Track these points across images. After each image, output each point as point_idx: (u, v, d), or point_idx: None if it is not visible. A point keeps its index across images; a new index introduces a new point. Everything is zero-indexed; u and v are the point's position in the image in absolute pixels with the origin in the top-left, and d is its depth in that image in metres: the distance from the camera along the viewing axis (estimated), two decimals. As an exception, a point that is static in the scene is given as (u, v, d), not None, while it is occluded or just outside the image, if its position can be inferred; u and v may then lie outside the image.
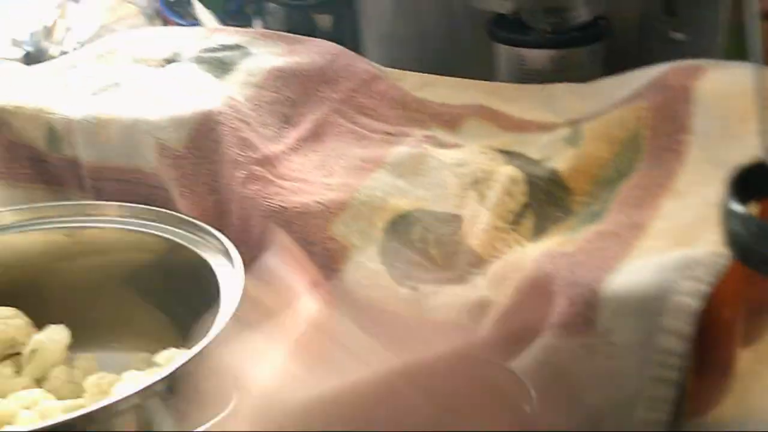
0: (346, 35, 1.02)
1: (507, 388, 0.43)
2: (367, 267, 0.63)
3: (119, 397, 0.50)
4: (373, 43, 1.00)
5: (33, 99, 0.78)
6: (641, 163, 0.64)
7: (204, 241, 0.65)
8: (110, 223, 0.69)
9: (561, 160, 0.67)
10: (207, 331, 0.55)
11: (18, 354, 0.69)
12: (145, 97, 0.77)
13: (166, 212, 0.68)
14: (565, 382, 0.53)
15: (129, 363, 0.68)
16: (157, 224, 0.67)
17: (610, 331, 0.52)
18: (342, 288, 0.62)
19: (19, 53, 1.23)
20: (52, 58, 1.17)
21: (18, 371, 0.68)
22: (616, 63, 0.83)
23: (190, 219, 0.66)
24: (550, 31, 0.86)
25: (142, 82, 0.81)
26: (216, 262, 0.62)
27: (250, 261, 0.62)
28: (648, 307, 0.51)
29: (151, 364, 0.67)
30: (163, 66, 0.85)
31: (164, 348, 0.65)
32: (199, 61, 0.84)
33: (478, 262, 0.63)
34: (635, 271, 0.53)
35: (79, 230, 0.69)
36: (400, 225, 0.65)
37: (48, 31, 1.20)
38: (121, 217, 0.69)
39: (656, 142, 0.64)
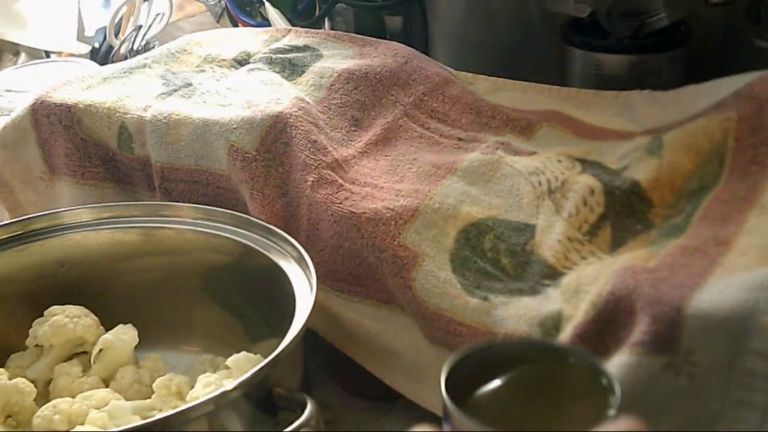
0: (416, 37, 1.01)
1: None
2: (438, 276, 0.62)
3: (195, 403, 0.50)
4: (443, 46, 0.98)
5: (105, 98, 0.78)
6: (725, 175, 0.62)
7: (277, 246, 0.64)
8: (184, 224, 0.69)
9: (641, 171, 0.65)
10: (280, 338, 0.55)
11: (85, 353, 0.70)
12: (217, 99, 0.77)
13: (240, 215, 0.67)
14: (645, 400, 0.52)
15: (194, 364, 0.68)
16: (231, 227, 0.67)
17: (694, 350, 0.50)
18: (411, 296, 0.61)
19: (85, 49, 1.25)
20: (119, 54, 1.19)
21: (85, 370, 0.68)
22: (697, 70, 0.81)
23: (265, 223, 0.66)
24: (628, 35, 0.84)
25: (214, 83, 0.81)
26: (289, 268, 0.62)
27: (318, 265, 0.62)
28: (734, 327, 0.49)
29: (216, 366, 0.67)
30: (234, 67, 0.85)
31: (231, 350, 0.65)
32: (270, 62, 0.83)
33: (552, 273, 0.61)
34: (721, 289, 0.51)
35: (154, 230, 0.70)
36: (472, 233, 0.64)
37: (117, 28, 1.21)
38: (195, 218, 0.69)
39: (741, 155, 0.62)
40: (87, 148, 0.78)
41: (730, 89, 0.67)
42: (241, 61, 0.85)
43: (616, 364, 0.52)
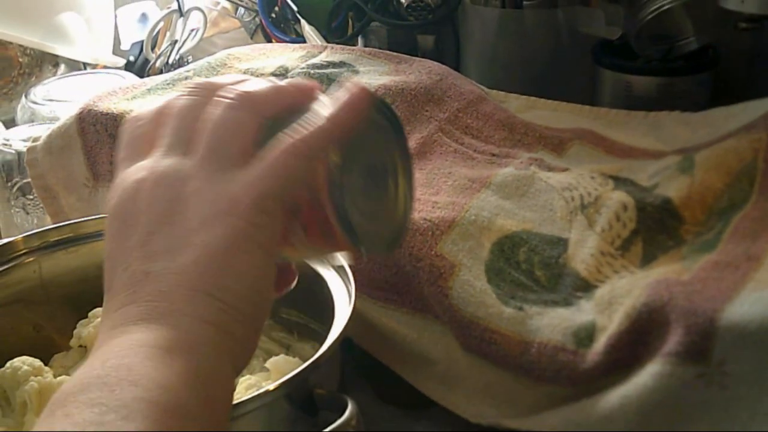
0: (448, 56, 1.03)
1: None
2: (474, 285, 0.63)
3: (239, 401, 0.52)
4: (474, 65, 1.01)
5: (148, 107, 0.80)
6: (755, 194, 0.64)
7: None
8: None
9: (673, 189, 0.66)
10: (318, 344, 0.57)
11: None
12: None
13: None
14: (676, 409, 0.53)
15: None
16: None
17: (725, 361, 0.52)
18: (448, 305, 0.63)
19: (120, 62, 1.28)
20: (155, 68, 1.21)
21: (127, 371, 0.70)
22: (724, 93, 0.83)
23: None
24: (658, 58, 0.86)
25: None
26: (329, 275, 0.64)
27: (356, 274, 0.64)
28: (766, 339, 0.51)
29: (252, 370, 0.69)
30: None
31: (268, 356, 0.67)
32: (308, 77, 0.86)
33: (584, 285, 0.63)
34: (753, 302, 0.52)
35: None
36: (507, 245, 0.66)
37: (153, 42, 1.24)
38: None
39: (771, 174, 0.64)
40: (130, 156, 0.80)
41: (759, 111, 0.69)
42: (279, 76, 0.88)
43: (649, 373, 0.54)
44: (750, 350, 0.51)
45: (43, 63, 1.23)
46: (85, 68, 1.24)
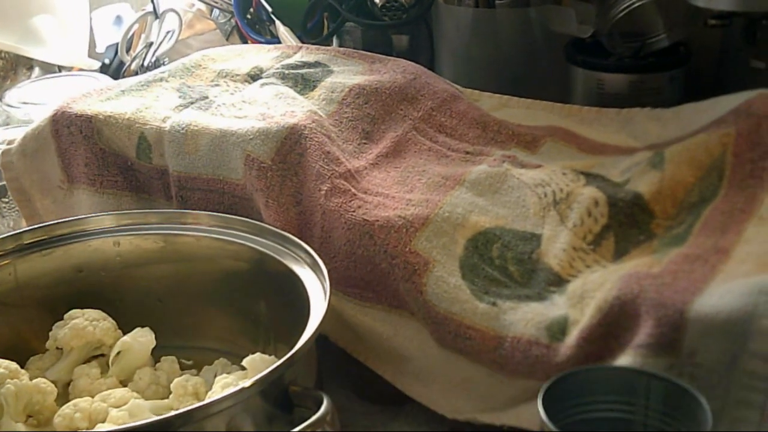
0: (422, 56, 1.04)
1: None
2: (448, 281, 0.64)
3: (215, 398, 0.52)
4: (448, 64, 1.01)
5: (125, 109, 0.80)
6: (724, 188, 0.65)
7: (292, 252, 0.66)
8: (202, 231, 0.71)
9: (644, 184, 0.67)
10: (294, 342, 0.57)
11: (103, 356, 0.72)
12: (233, 111, 0.79)
13: (256, 223, 0.70)
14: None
15: (207, 367, 0.70)
16: (247, 234, 0.70)
17: (696, 352, 0.53)
18: (422, 301, 0.64)
19: (96, 65, 1.27)
20: (130, 70, 1.21)
21: (103, 372, 0.70)
22: (695, 89, 0.84)
23: (280, 231, 0.68)
24: (630, 55, 0.87)
25: (229, 96, 0.83)
26: (304, 273, 0.64)
27: (331, 271, 0.64)
28: (734, 329, 0.52)
29: (228, 369, 0.69)
30: (247, 81, 0.87)
31: (245, 354, 0.67)
32: (282, 77, 0.86)
33: (557, 280, 0.63)
34: (721, 294, 0.53)
35: (172, 237, 0.72)
36: (480, 242, 0.66)
37: (128, 45, 1.23)
38: (212, 226, 0.71)
39: (740, 168, 0.65)
40: (106, 157, 0.80)
41: (728, 107, 0.70)
42: (254, 76, 0.88)
43: (623, 365, 0.54)
44: (719, 341, 0.52)
45: (17, 66, 1.23)
46: (59, 71, 1.24)
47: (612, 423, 0.50)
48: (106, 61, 1.27)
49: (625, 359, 0.54)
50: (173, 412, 0.52)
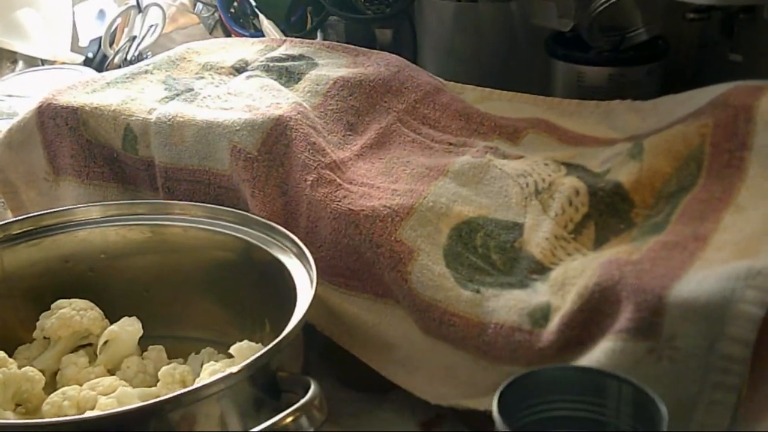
0: (405, 49, 1.05)
1: None
2: (432, 270, 0.65)
3: (204, 383, 0.53)
4: (431, 57, 1.02)
5: (111, 101, 0.81)
6: (702, 178, 0.66)
7: (278, 242, 0.67)
8: (188, 222, 0.72)
9: (624, 174, 0.68)
10: (281, 330, 0.58)
11: (90, 345, 0.72)
12: (218, 103, 0.80)
13: (242, 213, 0.70)
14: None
15: (194, 356, 0.71)
16: (234, 225, 0.70)
17: (675, 336, 0.54)
18: (407, 289, 0.65)
19: (79, 58, 1.27)
20: (113, 64, 1.21)
21: (90, 362, 0.71)
22: (674, 82, 0.85)
23: (266, 221, 0.69)
24: (609, 49, 0.88)
25: (214, 88, 0.84)
26: (290, 263, 0.65)
27: (317, 261, 0.65)
28: (712, 314, 0.53)
29: (215, 357, 0.70)
30: (232, 74, 0.88)
31: (232, 343, 0.67)
32: (267, 69, 0.87)
33: (539, 268, 0.65)
34: (699, 280, 0.55)
35: (159, 228, 0.72)
36: (464, 231, 0.68)
37: (111, 38, 1.24)
38: (198, 216, 0.72)
39: (717, 158, 0.66)
40: (92, 149, 0.80)
41: (706, 98, 0.71)
42: (239, 69, 0.89)
43: (602, 349, 0.55)
44: (698, 326, 0.53)
45: (1, 59, 1.23)
46: (42, 64, 1.24)
47: (572, 422, 0.51)
48: (90, 55, 1.27)
49: (605, 344, 0.55)
50: (163, 397, 0.53)
